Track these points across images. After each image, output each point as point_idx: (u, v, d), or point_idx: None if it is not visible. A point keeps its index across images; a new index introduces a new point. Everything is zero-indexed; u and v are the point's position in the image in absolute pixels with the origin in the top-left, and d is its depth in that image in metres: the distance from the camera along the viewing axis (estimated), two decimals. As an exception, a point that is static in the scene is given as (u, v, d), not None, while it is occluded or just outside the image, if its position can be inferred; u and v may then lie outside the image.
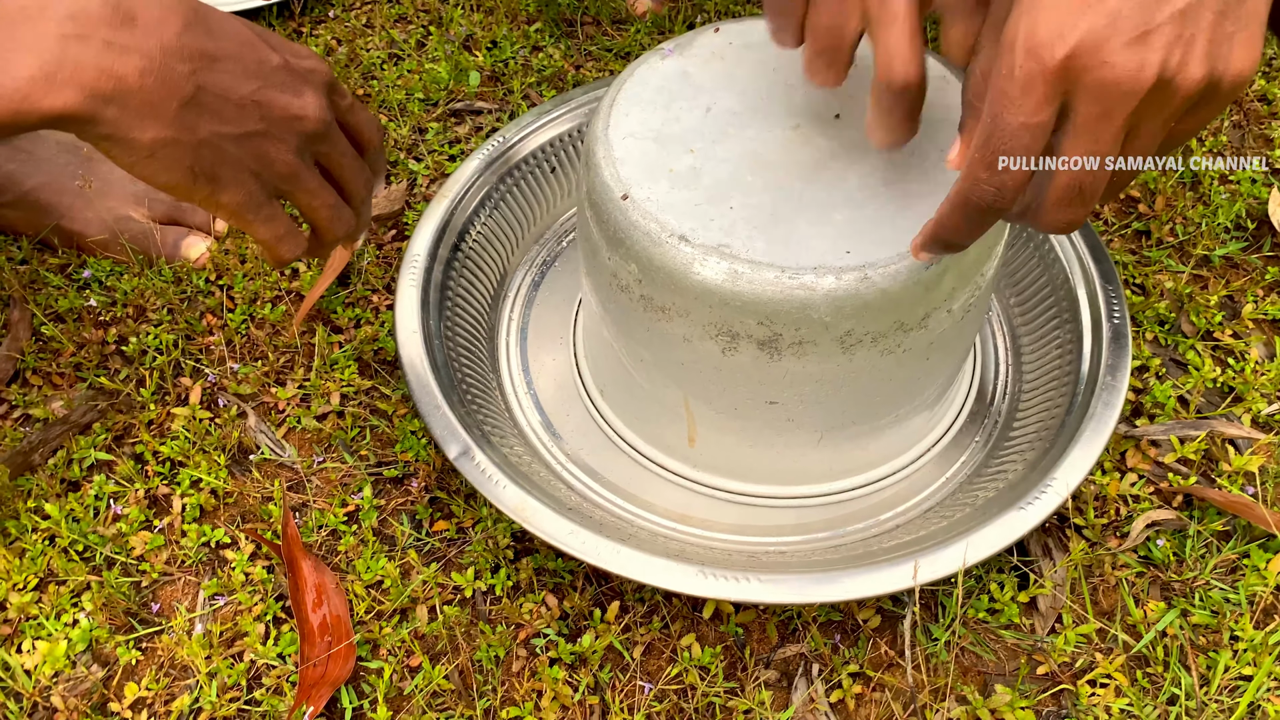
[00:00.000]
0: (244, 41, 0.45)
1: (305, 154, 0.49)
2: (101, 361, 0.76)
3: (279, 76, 0.46)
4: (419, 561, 0.64)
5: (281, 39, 0.49)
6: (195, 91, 0.42)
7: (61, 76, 0.38)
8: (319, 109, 0.48)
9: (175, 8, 0.42)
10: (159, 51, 0.41)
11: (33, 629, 0.62)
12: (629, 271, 0.58)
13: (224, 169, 0.45)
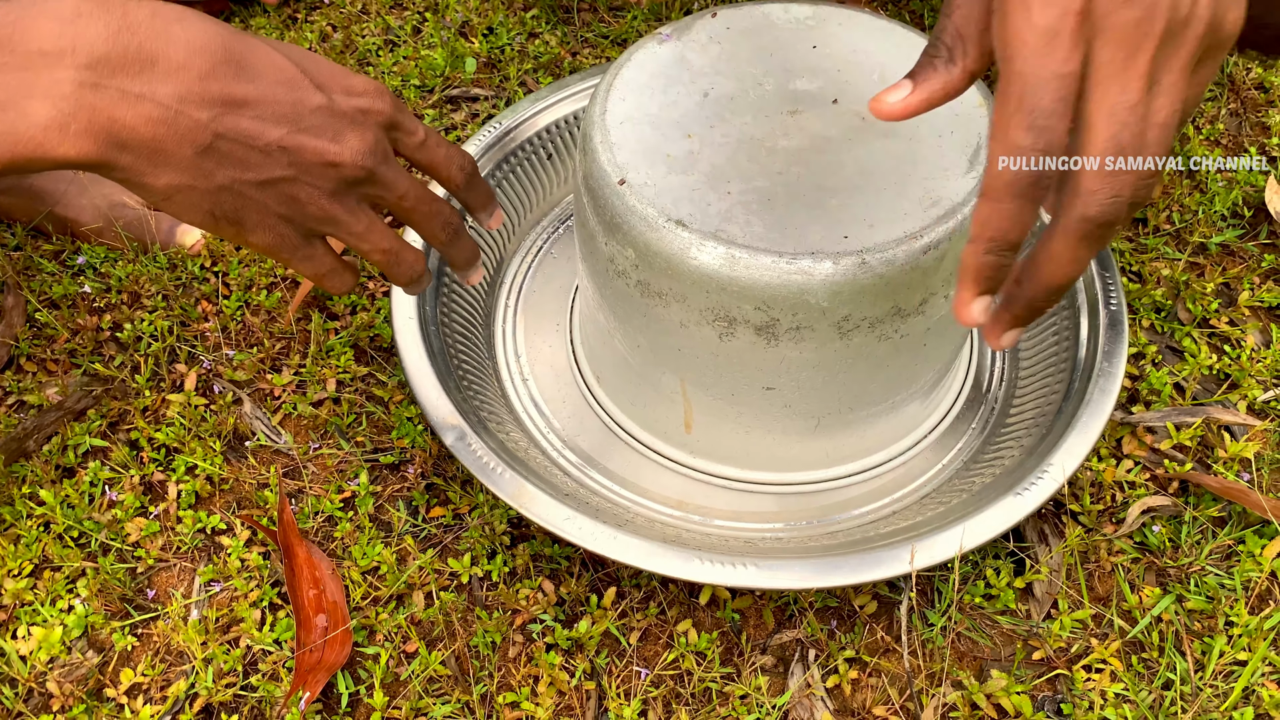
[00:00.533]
0: (282, 81, 0.43)
1: (348, 197, 0.46)
2: (96, 348, 0.76)
3: (315, 119, 0.43)
4: (415, 547, 0.64)
5: (338, 73, 0.46)
6: (213, 140, 0.41)
7: (75, 127, 0.38)
8: (358, 154, 0.45)
9: (203, 49, 0.40)
10: (174, 99, 0.40)
11: (28, 615, 0.62)
12: (626, 257, 0.57)
13: (248, 213, 0.44)
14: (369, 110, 0.46)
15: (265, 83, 0.42)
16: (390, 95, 0.48)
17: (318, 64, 0.46)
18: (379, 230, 0.48)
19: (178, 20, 0.40)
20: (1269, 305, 0.75)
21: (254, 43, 0.43)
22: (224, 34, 0.42)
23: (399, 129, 0.48)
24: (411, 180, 0.48)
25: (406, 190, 0.48)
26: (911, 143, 0.58)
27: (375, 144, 0.46)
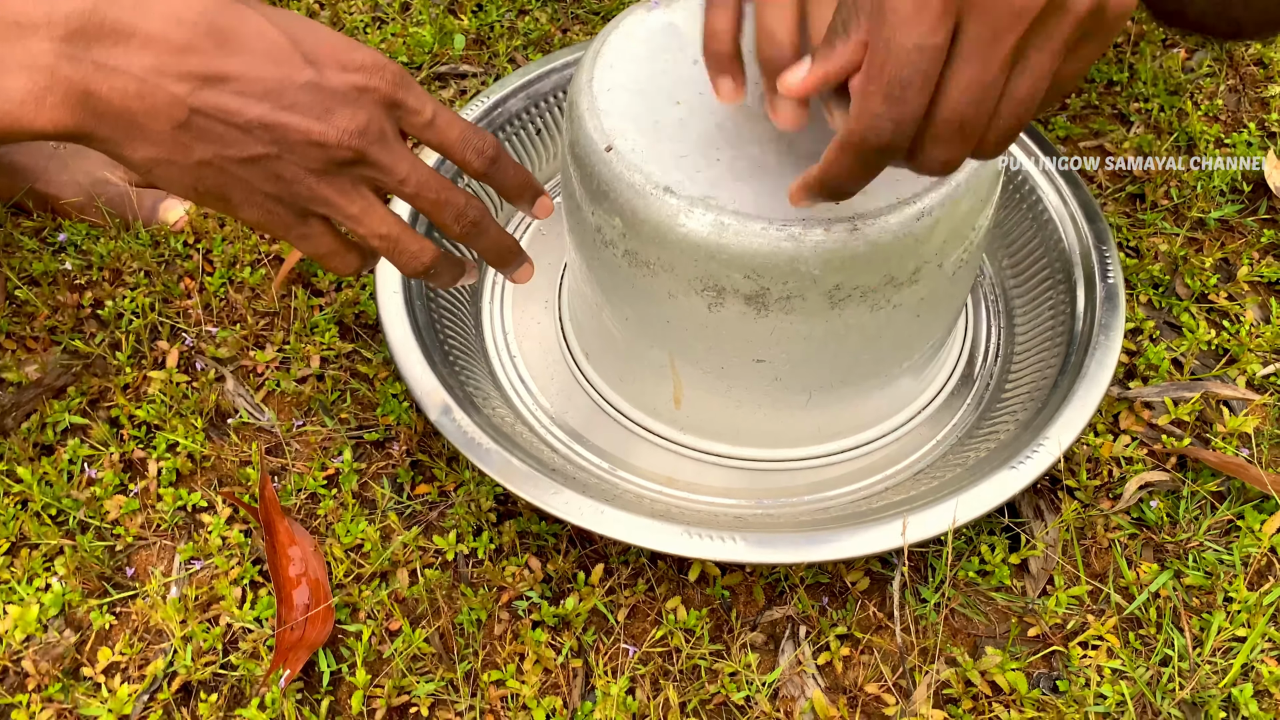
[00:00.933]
0: (269, 54, 0.41)
1: (340, 178, 0.44)
2: (77, 325, 0.74)
3: (300, 96, 0.41)
4: (400, 525, 0.63)
5: (339, 46, 0.43)
6: (189, 115, 0.39)
7: (52, 99, 0.38)
8: (345, 133, 0.42)
9: (183, 21, 0.39)
10: (149, 72, 0.38)
11: (4, 594, 0.61)
12: (613, 226, 0.56)
13: (233, 190, 0.42)
14: (365, 87, 0.43)
15: (250, 56, 0.40)
16: (394, 71, 0.44)
17: (315, 35, 0.43)
18: (377, 214, 0.45)
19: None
20: (1269, 280, 0.74)
21: (244, 13, 0.41)
22: (209, 5, 0.40)
23: (402, 107, 0.44)
24: (414, 163, 0.45)
25: (407, 174, 0.44)
26: (905, 109, 0.57)
27: (368, 123, 0.43)
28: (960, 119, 0.38)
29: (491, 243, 0.50)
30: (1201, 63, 0.90)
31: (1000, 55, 0.37)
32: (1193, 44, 0.93)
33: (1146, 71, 0.89)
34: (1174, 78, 0.89)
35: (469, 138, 0.47)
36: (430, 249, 0.48)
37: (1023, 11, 0.36)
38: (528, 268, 0.53)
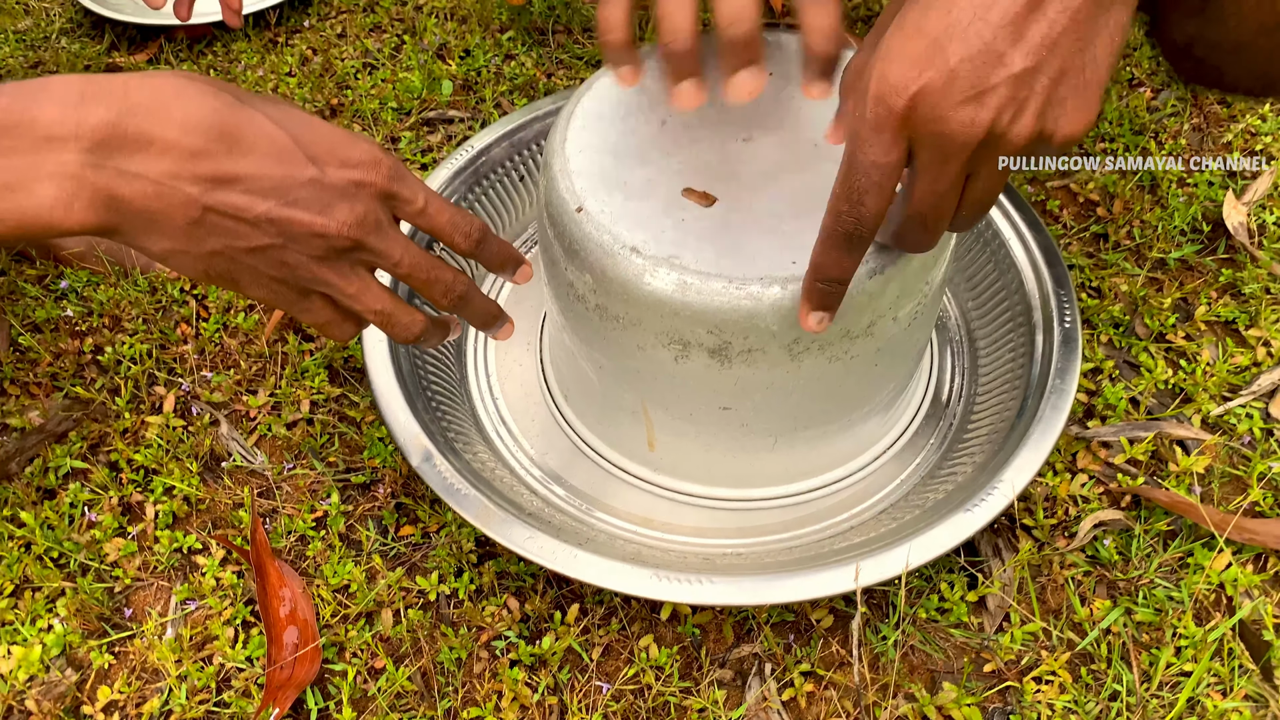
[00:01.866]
0: (274, 155, 0.44)
1: (340, 263, 0.48)
2: (78, 371, 0.77)
3: (303, 192, 0.45)
4: (384, 566, 0.66)
5: (337, 143, 0.47)
6: (202, 213, 0.43)
7: (79, 204, 0.41)
8: (344, 225, 0.46)
9: (196, 127, 0.42)
10: (167, 176, 0.42)
11: (8, 634, 0.64)
12: (584, 282, 0.59)
13: (241, 274, 0.46)
14: (362, 181, 0.47)
15: (257, 157, 0.44)
16: (388, 164, 0.48)
17: (315, 133, 0.46)
18: (373, 292, 0.49)
19: (176, 97, 0.42)
20: (1224, 319, 0.77)
21: (250, 115, 0.44)
22: (220, 109, 0.43)
23: (396, 198, 0.49)
24: (406, 247, 0.49)
25: (400, 258, 0.49)
26: (861, 169, 0.60)
27: (365, 215, 0.47)
28: (924, 217, 0.47)
29: (476, 310, 0.55)
30: (1166, 102, 0.93)
31: (950, 173, 0.44)
32: (1158, 84, 0.95)
33: (1112, 111, 0.91)
34: (1139, 117, 0.91)
35: (457, 222, 0.51)
36: (420, 320, 0.52)
37: (964, 144, 0.42)
38: (509, 327, 0.58)
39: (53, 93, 0.41)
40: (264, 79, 1.00)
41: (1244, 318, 0.76)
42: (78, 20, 1.11)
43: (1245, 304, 0.77)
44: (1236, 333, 0.76)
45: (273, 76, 1.01)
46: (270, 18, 1.07)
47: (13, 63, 1.06)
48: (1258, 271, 0.78)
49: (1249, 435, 0.70)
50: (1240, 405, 0.71)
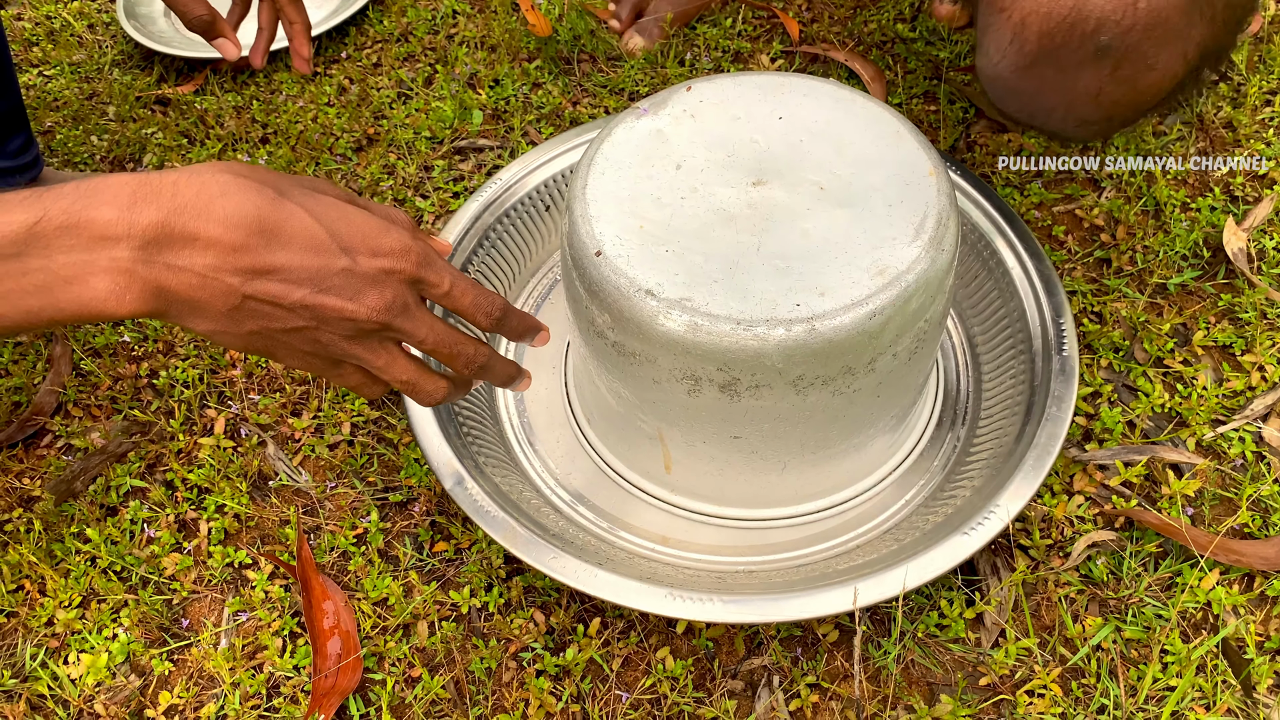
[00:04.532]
0: (310, 247, 0.49)
1: (369, 340, 0.53)
2: (135, 394, 0.83)
3: (336, 280, 0.50)
4: (420, 581, 0.71)
5: (370, 233, 0.51)
6: (242, 300, 0.48)
7: (130, 296, 0.46)
8: (374, 310, 0.51)
9: (239, 224, 0.47)
10: (210, 270, 0.47)
11: (77, 642, 0.70)
12: (603, 320, 0.64)
13: (277, 349, 0.51)
14: (392, 270, 0.52)
15: (294, 250, 0.49)
16: (417, 251, 0.53)
17: (349, 225, 0.51)
18: (399, 365, 0.55)
19: (221, 195, 0.47)
20: (1222, 344, 0.80)
21: (290, 210, 0.49)
22: (262, 205, 0.48)
23: (424, 283, 0.53)
24: (431, 326, 0.54)
25: (425, 336, 0.54)
26: (864, 212, 0.63)
27: (394, 300, 0.52)
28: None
29: (497, 374, 0.60)
30: (1173, 128, 0.96)
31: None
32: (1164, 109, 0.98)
33: (1119, 137, 0.94)
34: (1146, 142, 0.94)
35: (480, 303, 0.56)
36: (443, 386, 0.57)
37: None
38: (527, 381, 0.63)
39: (107, 195, 0.46)
40: (304, 109, 1.06)
41: (1240, 343, 0.79)
42: (129, 52, 1.17)
43: (1242, 329, 0.80)
44: (1233, 357, 0.79)
45: (312, 107, 1.06)
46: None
47: (68, 94, 1.12)
48: (1255, 297, 0.81)
49: (1241, 459, 0.73)
50: (1233, 429, 0.74)
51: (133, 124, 1.07)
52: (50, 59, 1.17)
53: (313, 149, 1.01)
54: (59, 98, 1.12)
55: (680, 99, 0.71)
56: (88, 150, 1.05)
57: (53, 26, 1.22)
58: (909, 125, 0.68)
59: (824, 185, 0.65)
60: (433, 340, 0.54)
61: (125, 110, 1.09)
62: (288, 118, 1.05)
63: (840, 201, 0.64)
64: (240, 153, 1.02)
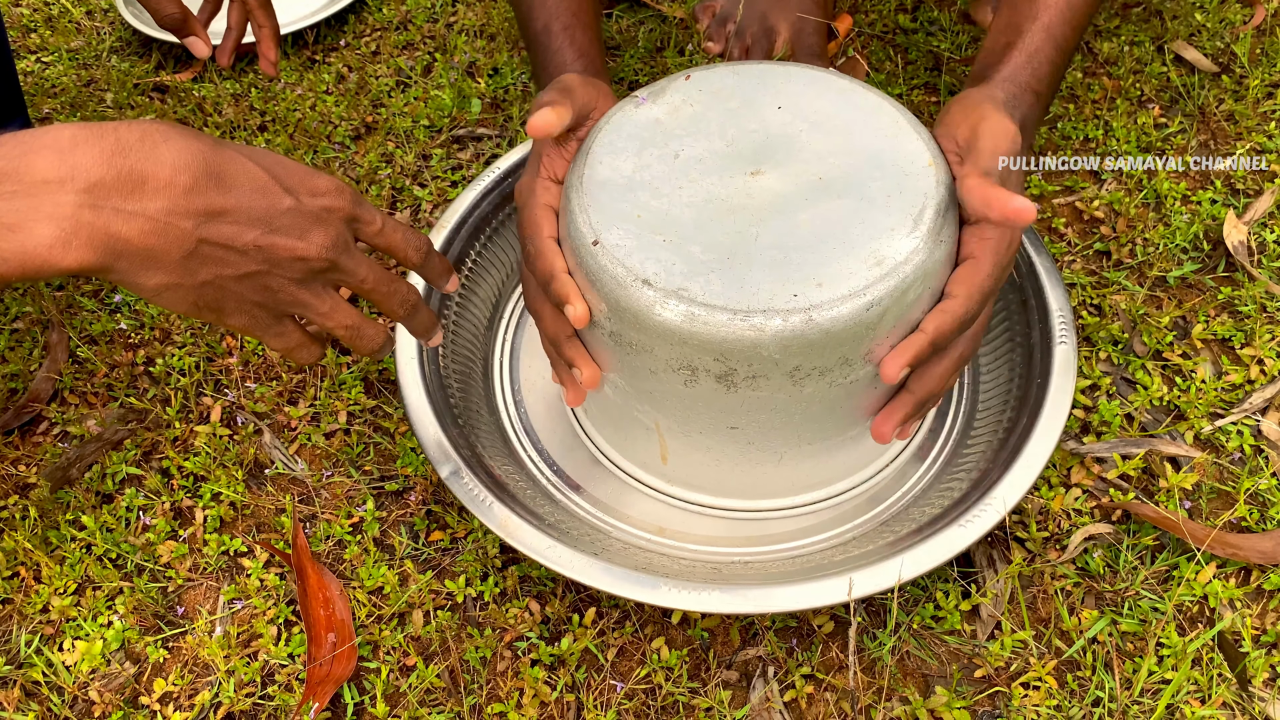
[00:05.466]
0: (257, 188, 0.49)
1: (314, 284, 0.53)
2: (131, 382, 0.83)
3: (285, 220, 0.50)
4: (415, 570, 0.71)
5: (304, 174, 0.52)
6: (196, 245, 0.47)
7: (76, 242, 0.45)
8: (322, 248, 0.51)
9: (187, 166, 0.46)
10: (163, 213, 0.46)
11: (72, 629, 0.70)
12: (600, 310, 0.63)
13: (227, 302, 0.51)
14: (331, 208, 0.53)
15: (242, 191, 0.49)
16: (350, 192, 0.54)
17: (285, 168, 0.52)
18: (342, 310, 0.55)
19: (164, 140, 0.46)
20: (1221, 337, 0.79)
21: (231, 154, 0.49)
22: (205, 150, 0.48)
23: (359, 220, 0.55)
24: (370, 266, 0.55)
25: (365, 275, 0.55)
26: (862, 202, 0.63)
27: (338, 237, 0.52)
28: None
29: (420, 320, 0.62)
30: (1174, 119, 0.95)
31: None
32: (1166, 101, 0.98)
33: (1121, 129, 0.94)
34: (1147, 135, 0.94)
35: (409, 239, 0.58)
36: (383, 331, 0.59)
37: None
38: (439, 335, 0.65)
39: (46, 140, 0.44)
40: (303, 97, 1.05)
41: (1240, 336, 0.79)
42: (127, 39, 1.17)
43: (1242, 323, 0.80)
44: (1232, 350, 0.79)
45: (310, 94, 1.05)
46: (308, 36, 1.11)
47: (66, 81, 1.12)
48: (1255, 290, 0.81)
49: (1239, 452, 0.73)
50: (1232, 423, 0.74)
51: (131, 111, 1.07)
52: (48, 45, 1.17)
53: (311, 137, 1.01)
54: (57, 84, 1.11)
55: (679, 88, 0.70)
56: (85, 137, 1.04)
57: (51, 13, 1.22)
58: (909, 116, 0.68)
59: (822, 176, 0.65)
60: (373, 279, 0.55)
61: (123, 97, 1.08)
62: (286, 105, 1.04)
63: (839, 192, 0.64)
64: (239, 140, 1.02)
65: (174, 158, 0.46)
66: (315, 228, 0.51)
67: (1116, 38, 1.03)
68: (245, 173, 0.49)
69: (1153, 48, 1.02)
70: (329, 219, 0.52)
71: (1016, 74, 0.66)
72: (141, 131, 0.46)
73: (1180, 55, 1.00)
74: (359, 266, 0.54)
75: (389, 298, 0.57)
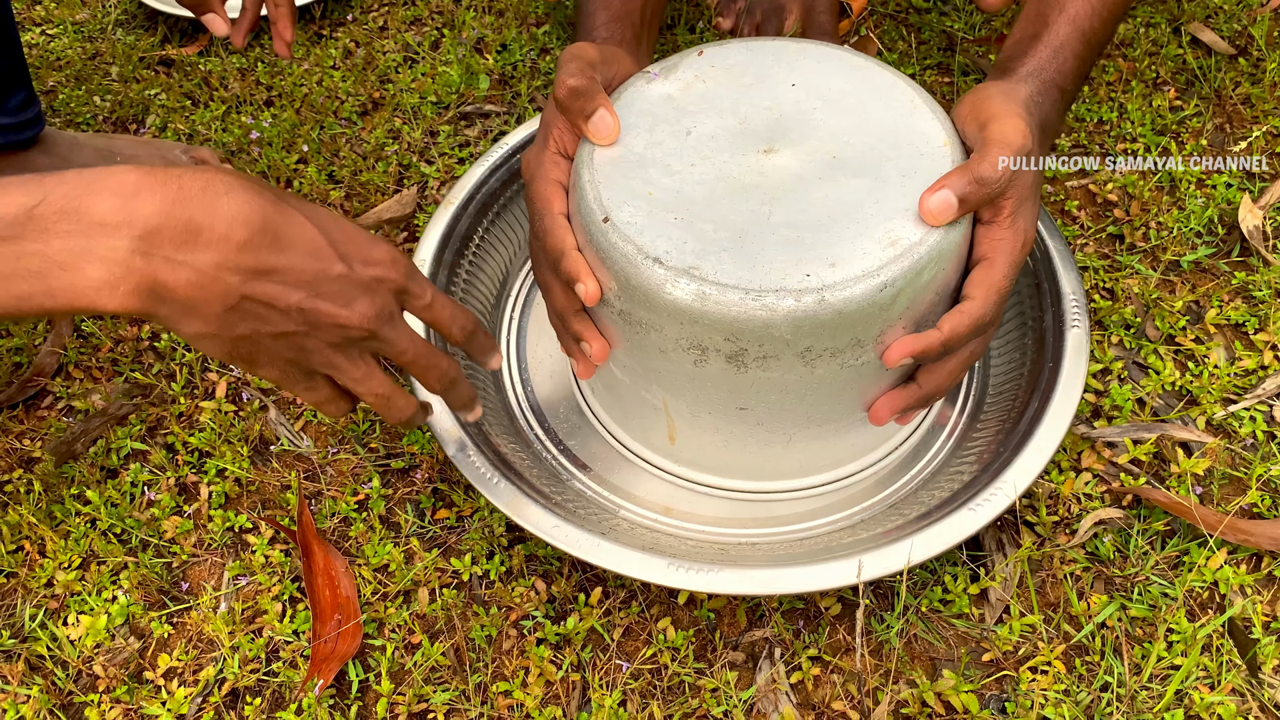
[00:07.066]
0: (311, 251, 0.49)
1: (351, 349, 0.53)
2: (136, 357, 0.82)
3: (333, 286, 0.50)
4: (421, 547, 0.70)
5: (363, 242, 0.52)
6: (239, 300, 0.47)
7: (124, 287, 0.45)
8: (364, 317, 0.51)
9: (245, 222, 0.46)
10: (211, 266, 0.46)
11: (77, 604, 0.69)
12: (610, 288, 0.63)
13: (260, 356, 0.51)
14: (382, 279, 0.52)
15: (294, 252, 0.48)
16: (405, 264, 0.54)
17: (345, 232, 0.51)
18: (375, 378, 0.55)
19: (226, 192, 0.46)
20: (1235, 322, 0.79)
21: (292, 215, 0.49)
22: (266, 206, 0.47)
23: (408, 294, 0.54)
24: (411, 339, 0.55)
25: (406, 347, 0.55)
26: (877, 182, 0.62)
27: (382, 308, 0.52)
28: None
29: (459, 395, 0.61)
30: (1190, 102, 0.94)
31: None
32: (1181, 83, 0.96)
33: (1135, 111, 0.93)
34: (1162, 117, 0.93)
35: (456, 317, 0.58)
36: (414, 403, 0.58)
37: None
38: (479, 410, 0.64)
39: (110, 182, 0.45)
40: (309, 72, 1.04)
41: (1253, 321, 0.78)
42: (133, 12, 1.16)
43: (1256, 307, 0.79)
44: (1245, 336, 0.78)
45: (317, 70, 1.04)
46: (315, 11, 1.10)
47: (71, 53, 1.11)
48: (1269, 275, 0.80)
49: (1251, 438, 0.72)
50: (1244, 408, 0.74)
51: (136, 85, 1.06)
52: (53, 18, 1.16)
53: (317, 112, 1.00)
54: (62, 57, 1.10)
55: (691, 64, 0.69)
56: (90, 110, 1.03)
57: (55, -16, 1.21)
58: (924, 95, 0.67)
59: (836, 154, 0.64)
60: (413, 352, 0.55)
61: (128, 71, 1.07)
62: (292, 80, 1.03)
63: (853, 171, 0.63)
64: (244, 115, 1.01)
65: (233, 211, 0.46)
66: (361, 297, 0.51)
67: (1132, 19, 1.01)
68: (302, 234, 0.49)
69: (1169, 29, 1.00)
70: (377, 289, 0.52)
71: (1042, 69, 0.65)
72: (205, 181, 0.46)
73: (1197, 37, 0.99)
74: (400, 338, 0.54)
75: (427, 372, 0.57)
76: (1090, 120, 0.94)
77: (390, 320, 0.53)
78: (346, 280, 0.50)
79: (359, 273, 0.51)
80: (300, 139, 0.97)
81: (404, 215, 0.91)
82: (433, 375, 0.58)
